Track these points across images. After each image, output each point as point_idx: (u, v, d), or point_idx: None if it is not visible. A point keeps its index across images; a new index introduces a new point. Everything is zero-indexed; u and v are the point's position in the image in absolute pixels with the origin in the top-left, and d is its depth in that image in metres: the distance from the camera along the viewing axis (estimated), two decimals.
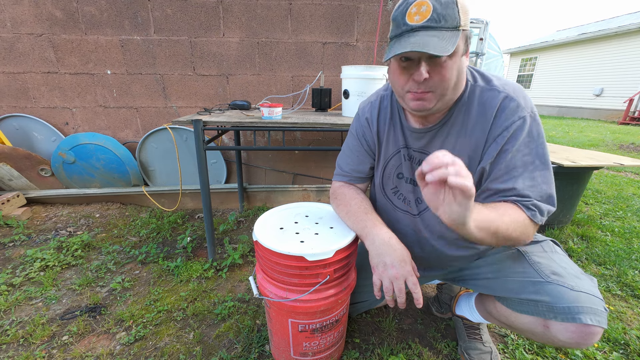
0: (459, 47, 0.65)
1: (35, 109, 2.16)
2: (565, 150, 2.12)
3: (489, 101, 0.73)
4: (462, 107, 0.76)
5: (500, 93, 0.73)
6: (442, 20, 0.62)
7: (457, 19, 0.62)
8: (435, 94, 0.69)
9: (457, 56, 0.66)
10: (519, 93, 0.73)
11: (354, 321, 1.23)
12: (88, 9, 1.97)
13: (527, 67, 13.34)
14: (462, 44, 0.66)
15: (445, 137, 0.79)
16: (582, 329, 0.66)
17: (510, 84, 0.75)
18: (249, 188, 2.32)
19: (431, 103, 0.71)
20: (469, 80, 0.77)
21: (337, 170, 1.01)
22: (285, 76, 2.19)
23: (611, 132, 6.57)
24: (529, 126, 0.71)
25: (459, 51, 0.66)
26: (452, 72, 0.67)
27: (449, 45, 0.60)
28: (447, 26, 0.62)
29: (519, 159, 0.71)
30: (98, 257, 1.65)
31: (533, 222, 0.71)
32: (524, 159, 0.71)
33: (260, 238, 0.82)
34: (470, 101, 0.76)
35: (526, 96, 0.73)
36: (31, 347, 1.09)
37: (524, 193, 0.71)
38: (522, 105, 0.71)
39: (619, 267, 1.57)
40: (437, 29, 0.62)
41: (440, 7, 0.62)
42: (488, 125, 0.73)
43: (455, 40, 0.61)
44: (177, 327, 1.19)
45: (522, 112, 0.71)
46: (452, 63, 0.66)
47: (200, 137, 1.38)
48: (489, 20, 4.50)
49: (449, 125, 0.78)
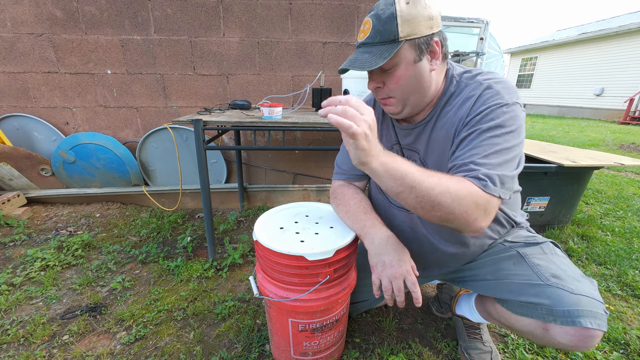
0: (404, 56, 0.70)
1: (36, 108, 2.17)
2: (565, 150, 2.12)
3: (470, 93, 0.74)
4: (446, 103, 0.79)
5: (482, 84, 0.73)
6: (377, 36, 0.68)
7: (395, 32, 0.67)
8: (397, 99, 0.76)
9: (404, 64, 0.71)
10: (502, 84, 0.72)
11: (354, 321, 1.23)
12: (88, 9, 1.97)
13: (528, 67, 13.33)
14: (409, 52, 0.70)
15: (430, 133, 0.82)
16: (582, 332, 0.66)
17: (496, 77, 0.74)
18: (249, 188, 2.32)
19: (397, 107, 0.77)
20: (454, 77, 0.79)
21: (336, 170, 1.03)
22: (285, 76, 2.19)
23: (611, 131, 6.57)
24: (502, 111, 0.68)
25: (405, 59, 0.70)
26: (405, 79, 0.72)
27: (379, 59, 0.67)
28: (383, 40, 0.68)
29: (482, 140, 0.68)
30: (98, 257, 1.65)
31: (485, 193, 0.63)
32: (490, 141, 0.67)
33: (261, 238, 0.82)
34: (454, 97, 0.78)
35: (509, 87, 0.72)
36: (32, 347, 1.09)
37: (474, 166, 0.66)
38: (501, 94, 0.70)
39: (620, 267, 1.57)
40: (371, 44, 0.70)
41: (379, 24, 0.68)
42: (466, 111, 0.73)
43: (390, 53, 0.67)
44: (178, 327, 1.19)
45: (499, 99, 0.69)
46: (402, 72, 0.71)
47: (200, 136, 1.38)
48: (489, 20, 4.50)
49: (434, 121, 0.81)
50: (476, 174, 0.65)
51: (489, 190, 0.64)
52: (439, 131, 0.80)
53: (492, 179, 0.64)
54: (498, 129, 0.68)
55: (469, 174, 0.66)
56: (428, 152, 0.83)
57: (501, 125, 0.68)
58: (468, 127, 0.72)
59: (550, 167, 1.66)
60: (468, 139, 0.71)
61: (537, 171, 1.67)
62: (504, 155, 0.67)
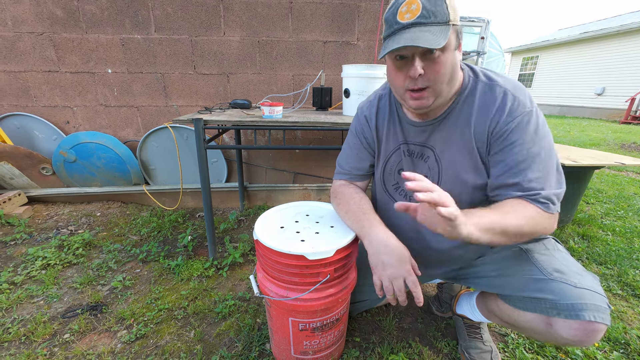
0: (451, 42, 0.67)
1: (36, 107, 2.17)
2: (566, 149, 2.12)
3: (490, 96, 0.74)
4: (463, 102, 0.77)
5: (502, 88, 0.73)
6: (431, 16, 0.65)
7: (447, 14, 0.65)
8: (432, 90, 0.71)
9: (449, 51, 0.68)
10: (519, 90, 0.73)
11: (354, 320, 1.23)
12: (89, 8, 1.97)
13: (529, 66, 13.30)
14: (453, 38, 0.68)
15: (446, 131, 0.80)
16: (586, 326, 0.66)
17: (511, 81, 0.76)
18: (249, 187, 2.32)
19: (429, 100, 0.73)
20: (470, 75, 0.78)
21: (338, 169, 1.02)
22: (285, 75, 2.19)
23: (613, 131, 6.56)
24: (532, 120, 0.71)
25: (450, 45, 0.68)
26: (446, 67, 0.69)
27: (440, 39, 0.63)
28: (438, 21, 0.65)
29: (523, 152, 0.71)
30: (99, 256, 1.65)
31: (548, 213, 0.71)
32: (529, 152, 0.71)
33: (261, 237, 0.82)
34: (472, 96, 0.77)
35: (526, 92, 0.74)
36: (33, 345, 1.09)
37: (531, 186, 0.71)
38: (523, 101, 0.72)
39: (620, 266, 1.57)
40: (428, 24, 0.65)
41: (429, 4, 0.65)
42: (489, 120, 0.74)
43: (446, 35, 0.64)
44: (178, 326, 1.20)
45: (524, 107, 0.71)
46: (445, 58, 0.68)
47: (201, 136, 1.38)
48: (490, 19, 4.49)
49: (450, 119, 0.79)
50: (537, 198, 0.70)
51: (551, 211, 0.71)
52: (455, 128, 0.79)
53: (551, 200, 0.71)
54: (534, 139, 0.71)
55: (531, 197, 0.71)
56: (445, 149, 0.81)
57: (535, 135, 0.71)
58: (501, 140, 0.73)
59: None
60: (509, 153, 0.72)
61: None
62: (547, 162, 0.72)
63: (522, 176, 0.71)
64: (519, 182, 0.71)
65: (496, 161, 0.75)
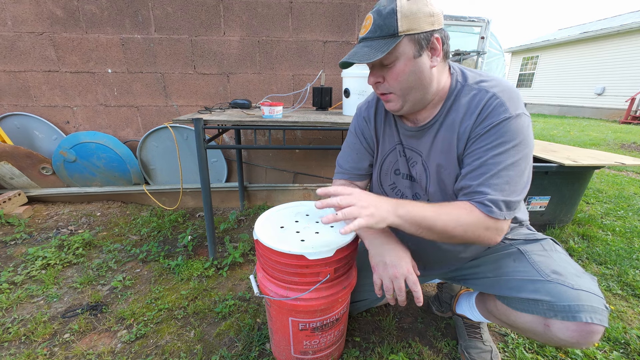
0: (404, 51, 0.70)
1: (36, 107, 2.17)
2: (566, 149, 2.12)
3: (475, 102, 0.74)
4: (450, 108, 0.78)
5: (487, 92, 0.73)
6: (377, 30, 0.69)
7: (395, 27, 0.67)
8: (397, 95, 0.76)
9: (405, 59, 0.70)
10: (506, 93, 0.72)
11: (354, 320, 1.23)
12: (89, 8, 1.97)
13: (529, 66, 13.30)
14: (409, 48, 0.70)
15: (433, 136, 0.81)
16: (583, 327, 0.66)
17: (501, 84, 0.74)
18: (249, 187, 2.32)
19: (397, 104, 0.77)
20: (459, 80, 0.78)
21: (338, 169, 1.03)
22: (285, 75, 2.19)
23: (613, 131, 6.56)
24: (508, 126, 0.69)
25: (404, 55, 0.70)
26: (403, 74, 0.72)
27: (377, 52, 0.68)
28: (382, 35, 0.69)
29: (487, 157, 0.71)
30: (99, 256, 1.65)
31: (492, 218, 0.69)
32: (494, 158, 0.70)
33: (261, 237, 0.82)
34: (457, 102, 0.77)
35: (514, 97, 0.72)
36: (33, 345, 1.10)
37: (480, 190, 0.70)
38: (505, 105, 0.70)
39: (620, 266, 1.57)
40: (371, 39, 0.71)
41: (379, 19, 0.69)
42: (470, 125, 0.74)
43: (388, 47, 0.67)
44: (178, 326, 1.20)
45: (505, 113, 0.70)
46: (402, 66, 0.71)
47: (201, 135, 1.38)
48: (490, 18, 4.48)
49: (438, 125, 0.80)
50: (482, 200, 0.70)
51: (494, 215, 0.69)
52: (442, 135, 0.79)
53: (497, 205, 0.69)
54: (502, 145, 0.70)
55: (476, 200, 0.71)
56: (431, 155, 0.83)
57: (505, 141, 0.70)
58: (473, 143, 0.73)
59: (551, 167, 1.66)
60: (474, 156, 0.73)
61: (538, 170, 1.67)
62: (509, 171, 0.69)
63: (478, 180, 0.71)
64: (471, 185, 0.72)
65: (464, 164, 0.76)
